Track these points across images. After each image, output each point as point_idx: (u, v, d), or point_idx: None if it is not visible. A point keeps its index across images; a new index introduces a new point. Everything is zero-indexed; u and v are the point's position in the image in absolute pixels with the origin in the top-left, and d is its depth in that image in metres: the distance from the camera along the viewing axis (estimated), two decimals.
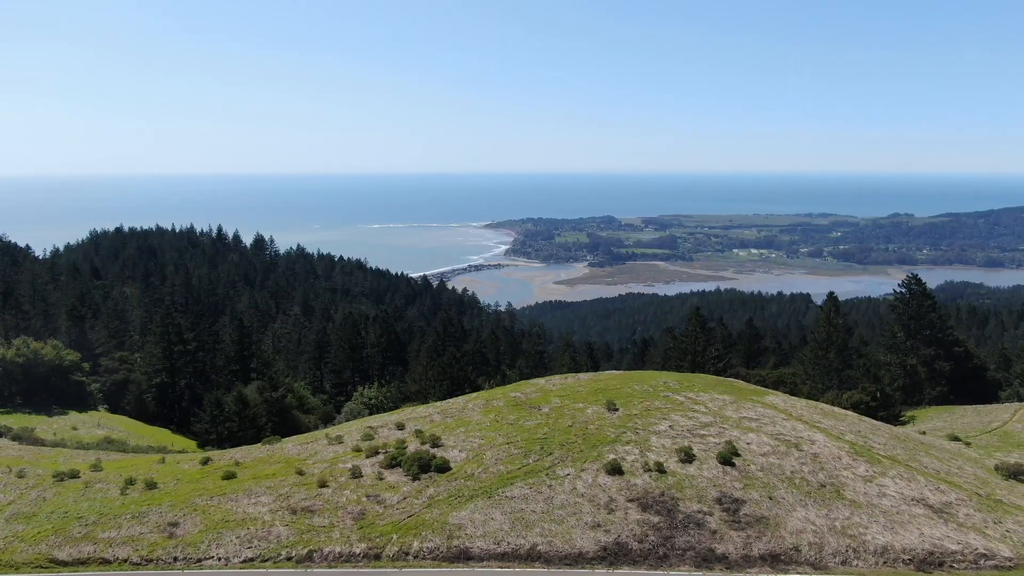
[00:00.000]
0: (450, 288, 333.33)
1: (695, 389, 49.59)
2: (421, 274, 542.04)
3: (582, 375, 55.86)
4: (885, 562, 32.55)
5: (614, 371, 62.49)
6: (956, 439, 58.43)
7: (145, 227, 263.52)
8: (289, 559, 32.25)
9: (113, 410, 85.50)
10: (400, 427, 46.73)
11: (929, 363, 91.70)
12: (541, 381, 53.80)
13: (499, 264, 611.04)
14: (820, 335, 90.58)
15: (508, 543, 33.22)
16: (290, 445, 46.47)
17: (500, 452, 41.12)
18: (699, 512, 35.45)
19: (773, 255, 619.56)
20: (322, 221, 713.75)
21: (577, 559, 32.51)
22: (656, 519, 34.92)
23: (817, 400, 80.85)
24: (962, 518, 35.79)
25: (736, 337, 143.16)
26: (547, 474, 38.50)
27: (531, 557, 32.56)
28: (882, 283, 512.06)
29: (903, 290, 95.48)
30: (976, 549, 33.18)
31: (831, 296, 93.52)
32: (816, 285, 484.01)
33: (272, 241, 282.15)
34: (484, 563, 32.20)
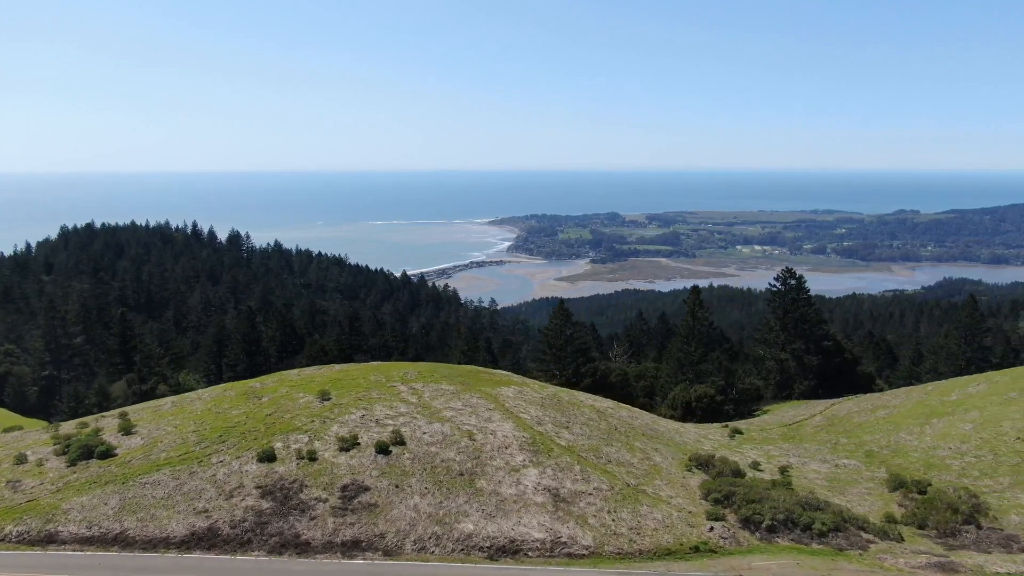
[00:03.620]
0: (430, 285, 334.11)
1: (426, 380, 49.84)
2: (421, 271, 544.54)
3: (337, 366, 56.44)
4: (462, 549, 32.74)
5: (378, 363, 62.72)
6: (737, 432, 58.17)
7: (123, 223, 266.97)
8: None
9: None
10: (122, 416, 47.55)
11: (799, 357, 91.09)
12: (293, 373, 54.41)
13: (501, 261, 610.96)
14: (683, 329, 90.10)
15: (101, 527, 33.90)
16: (19, 433, 47.51)
17: (177, 439, 41.79)
18: (316, 499, 35.85)
19: (776, 252, 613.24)
20: (326, 218, 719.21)
21: (160, 543, 33.09)
22: (268, 505, 35.38)
23: (657, 393, 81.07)
24: (579, 508, 35.80)
25: (651, 331, 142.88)
26: (200, 461, 39.10)
27: (116, 541, 33.22)
28: (885, 280, 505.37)
29: (778, 284, 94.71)
30: (560, 538, 33.23)
31: (694, 290, 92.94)
32: (818, 282, 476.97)
33: (248, 237, 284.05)
34: (67, 546, 32.90)
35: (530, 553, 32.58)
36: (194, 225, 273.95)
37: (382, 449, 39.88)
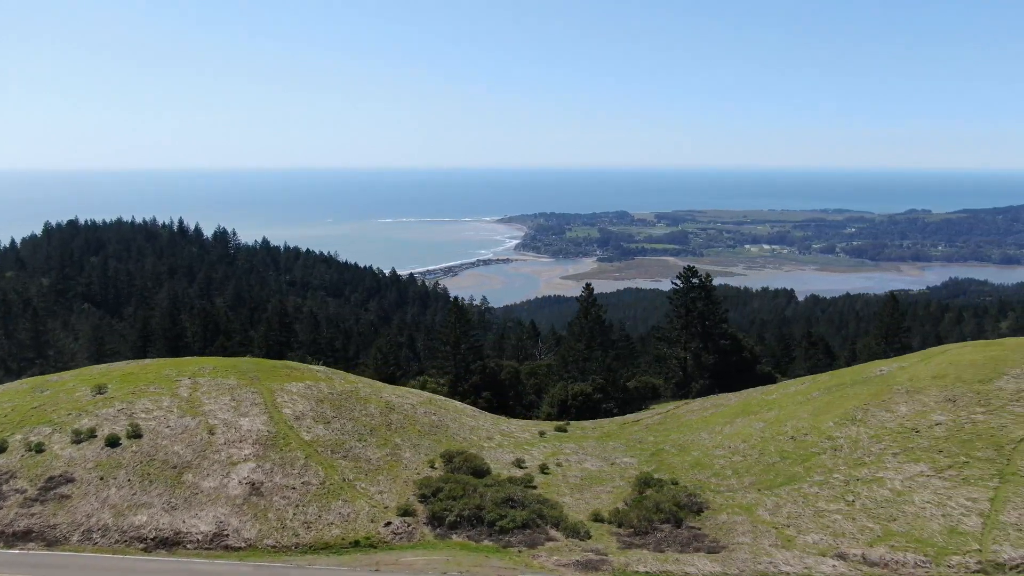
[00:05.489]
0: (420, 283, 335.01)
1: (216, 375, 50.21)
2: (427, 268, 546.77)
3: (149, 360, 57.13)
4: (125, 541, 33.14)
5: (190, 358, 63.15)
6: (561, 430, 57.99)
7: (110, 220, 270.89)
8: None
9: None
10: None
11: (697, 355, 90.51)
12: (101, 367, 55.21)
13: (507, 259, 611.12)
14: (575, 327, 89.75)
15: None
16: None
17: None
18: (16, 490, 36.44)
19: (785, 251, 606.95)
20: (335, 215, 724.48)
21: None
22: None
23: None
24: (270, 502, 36.00)
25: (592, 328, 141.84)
26: None
27: None
28: (893, 279, 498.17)
29: (679, 282, 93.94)
30: (224, 531, 33.50)
31: (587, 287, 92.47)
32: (826, 281, 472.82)
33: (235, 234, 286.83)
34: None
35: (189, 545, 32.84)
36: (180, 222, 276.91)
37: (112, 442, 40.36)
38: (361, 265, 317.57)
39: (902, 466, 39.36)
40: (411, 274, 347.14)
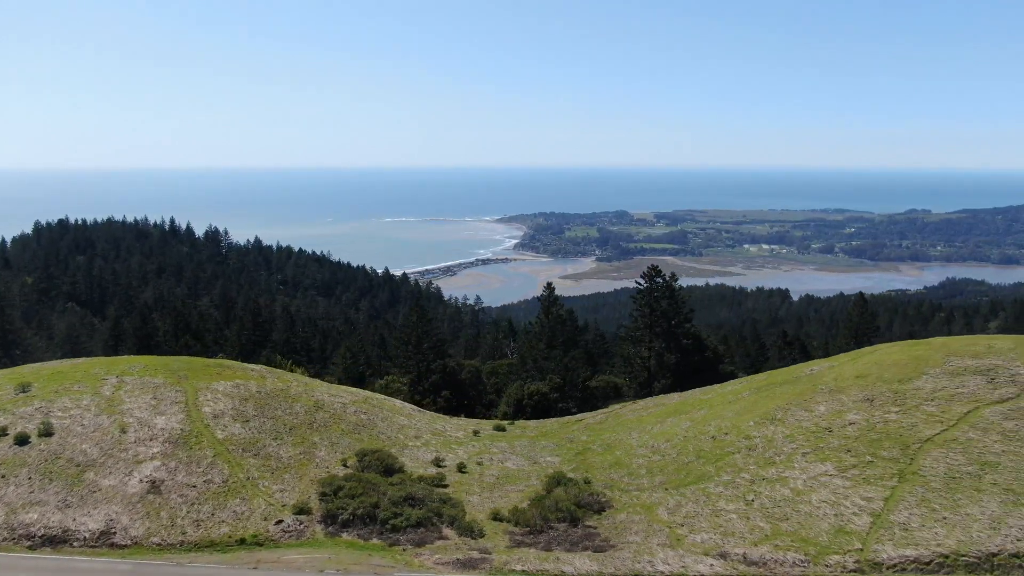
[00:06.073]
0: (413, 283, 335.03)
1: (143, 374, 50.26)
2: (426, 268, 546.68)
3: (86, 360, 57.21)
4: (13, 539, 33.22)
5: (125, 356, 63.24)
6: (500, 429, 57.93)
7: (100, 219, 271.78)
8: None
9: None
10: None
11: (660, 355, 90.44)
12: (41, 365, 55.38)
13: (506, 259, 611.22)
14: (537, 326, 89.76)
15: None
16: None
17: None
18: None
19: (784, 251, 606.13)
20: (335, 215, 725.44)
21: None
22: None
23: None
24: (167, 499, 36.07)
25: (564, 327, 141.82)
26: None
27: None
28: (893, 280, 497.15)
29: (643, 282, 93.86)
30: (112, 529, 33.56)
31: (548, 286, 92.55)
32: (824, 281, 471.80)
33: (227, 233, 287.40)
34: None
35: (75, 543, 32.92)
36: (171, 221, 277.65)
37: (22, 440, 40.46)
38: (354, 264, 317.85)
39: (809, 465, 39.24)
40: (404, 273, 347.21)
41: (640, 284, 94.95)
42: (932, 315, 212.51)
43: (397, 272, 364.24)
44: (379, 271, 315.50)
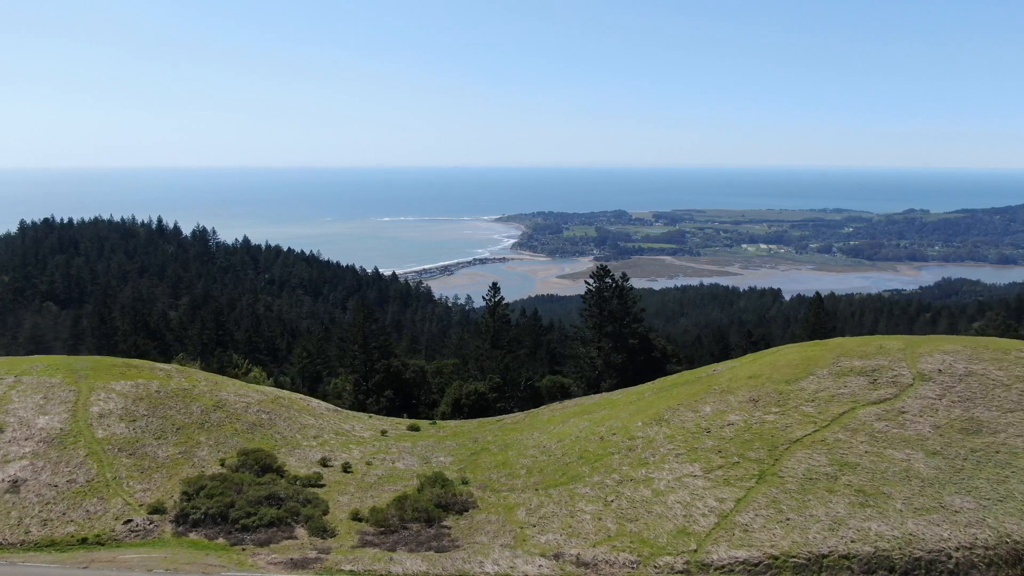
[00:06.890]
0: (401, 281, 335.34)
1: (43, 373, 50.30)
2: (423, 267, 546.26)
3: (10, 358, 57.38)
4: None
5: (40, 356, 63.31)
6: (415, 429, 57.80)
7: (88, 218, 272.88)
8: None
9: None
10: None
11: (607, 354, 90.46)
12: None
13: (504, 258, 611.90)
14: (481, 325, 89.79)
15: None
16: None
17: None
18: None
19: (782, 250, 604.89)
20: (334, 214, 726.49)
21: None
22: None
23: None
24: (24, 499, 36.02)
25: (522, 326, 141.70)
26: None
27: None
28: (891, 279, 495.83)
29: (592, 282, 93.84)
30: None
31: (494, 286, 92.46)
32: (822, 281, 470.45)
33: (215, 232, 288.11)
34: None
35: None
36: (158, 220, 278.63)
37: None
38: (347, 264, 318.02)
39: (678, 466, 39.01)
40: (394, 273, 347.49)
41: (589, 284, 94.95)
42: (918, 315, 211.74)
43: (395, 271, 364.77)
44: (369, 271, 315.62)
